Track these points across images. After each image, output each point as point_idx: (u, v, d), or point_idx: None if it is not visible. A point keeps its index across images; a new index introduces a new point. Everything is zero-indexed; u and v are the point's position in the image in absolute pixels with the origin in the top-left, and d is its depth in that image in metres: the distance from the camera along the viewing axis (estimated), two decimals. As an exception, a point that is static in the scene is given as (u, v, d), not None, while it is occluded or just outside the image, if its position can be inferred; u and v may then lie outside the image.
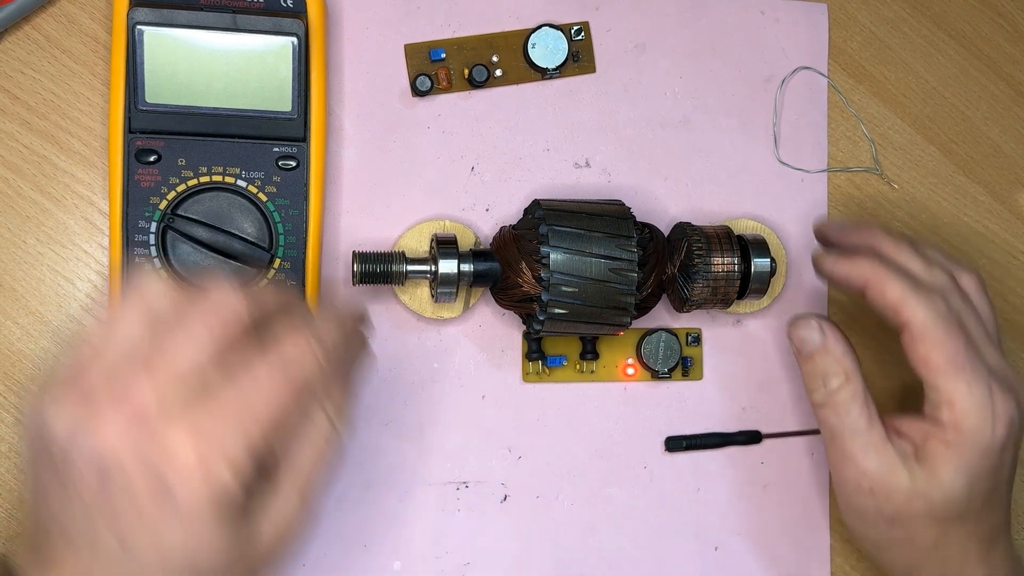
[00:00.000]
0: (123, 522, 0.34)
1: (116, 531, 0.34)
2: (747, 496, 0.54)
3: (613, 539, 0.52)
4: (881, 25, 0.57)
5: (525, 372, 0.52)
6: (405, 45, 0.52)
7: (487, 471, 0.52)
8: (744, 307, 0.53)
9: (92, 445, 0.34)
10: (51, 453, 0.35)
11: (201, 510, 0.34)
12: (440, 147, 0.52)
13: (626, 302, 0.47)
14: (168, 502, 0.34)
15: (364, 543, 0.51)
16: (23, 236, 0.49)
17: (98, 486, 0.34)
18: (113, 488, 0.34)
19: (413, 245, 0.51)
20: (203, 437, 0.34)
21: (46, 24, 0.50)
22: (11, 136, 0.49)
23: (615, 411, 0.53)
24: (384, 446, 0.51)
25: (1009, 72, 0.58)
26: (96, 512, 0.34)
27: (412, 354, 0.51)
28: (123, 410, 0.34)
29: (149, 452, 0.34)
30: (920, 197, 0.56)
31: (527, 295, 0.47)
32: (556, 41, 0.53)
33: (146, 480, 0.34)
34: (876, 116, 0.56)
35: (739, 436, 0.53)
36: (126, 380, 0.35)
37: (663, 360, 0.52)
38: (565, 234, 0.46)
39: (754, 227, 0.54)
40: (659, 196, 0.54)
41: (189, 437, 0.34)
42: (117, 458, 0.34)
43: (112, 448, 0.34)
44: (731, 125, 0.55)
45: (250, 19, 0.46)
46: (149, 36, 0.45)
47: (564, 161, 0.53)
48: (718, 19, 0.55)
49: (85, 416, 0.34)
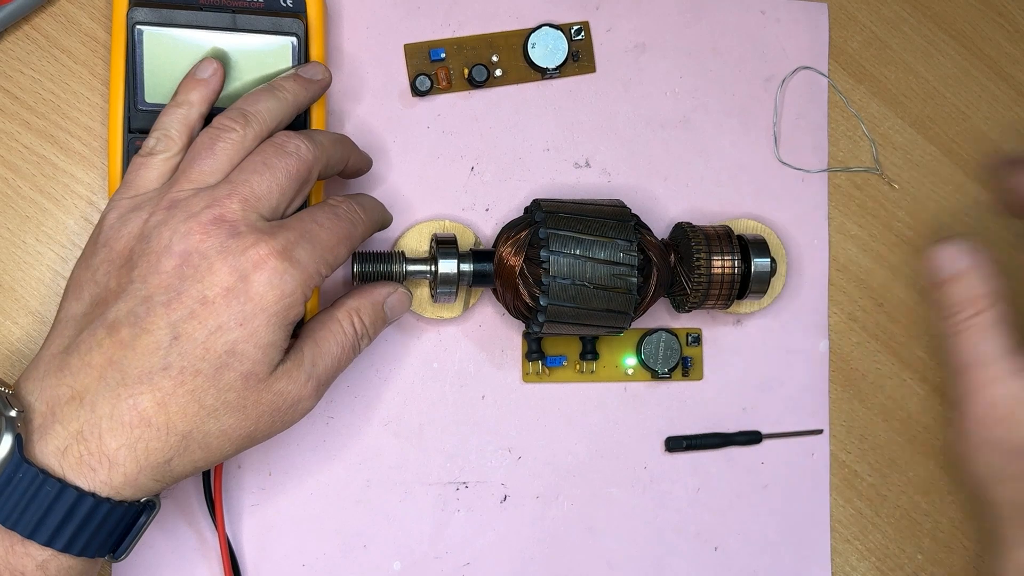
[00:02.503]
0: (184, 311, 0.38)
1: (172, 320, 0.38)
2: (747, 496, 0.54)
3: (613, 539, 0.52)
4: (881, 25, 0.57)
5: (525, 372, 0.52)
6: (405, 45, 0.52)
7: (487, 471, 0.52)
8: (744, 307, 0.53)
9: (180, 234, 0.38)
10: (123, 241, 0.39)
11: (264, 320, 0.38)
12: (440, 147, 0.52)
13: (626, 306, 0.47)
14: (238, 301, 0.38)
15: (364, 543, 0.51)
16: (23, 236, 0.49)
17: (173, 272, 0.38)
18: (188, 279, 0.38)
19: (413, 245, 0.51)
20: (282, 253, 0.38)
21: (46, 24, 0.50)
22: (10, 136, 0.49)
23: (615, 411, 0.53)
24: (384, 446, 0.51)
25: (1009, 72, 0.58)
26: (158, 298, 0.38)
27: (412, 354, 0.51)
28: (212, 213, 0.38)
29: (233, 251, 0.38)
30: (920, 197, 0.56)
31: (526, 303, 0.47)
32: (556, 41, 0.53)
33: (225, 275, 0.38)
34: (876, 116, 0.56)
35: (739, 436, 0.53)
36: (214, 194, 0.39)
37: (663, 360, 0.52)
38: (565, 238, 0.46)
39: (754, 227, 0.54)
40: (659, 196, 0.54)
41: (271, 249, 0.38)
42: (202, 250, 0.38)
43: (199, 241, 0.38)
44: (731, 125, 0.55)
45: (250, 19, 0.45)
46: (149, 36, 0.45)
47: (564, 161, 0.53)
48: (718, 19, 0.55)
49: (174, 215, 0.39)
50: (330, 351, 0.42)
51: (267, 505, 0.50)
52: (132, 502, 0.38)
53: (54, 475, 0.37)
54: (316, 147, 0.42)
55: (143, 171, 0.41)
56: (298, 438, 0.50)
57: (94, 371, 0.38)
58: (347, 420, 0.51)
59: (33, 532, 0.37)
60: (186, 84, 0.43)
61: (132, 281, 0.38)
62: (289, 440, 0.50)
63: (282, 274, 0.38)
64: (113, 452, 0.37)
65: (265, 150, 0.41)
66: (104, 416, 0.37)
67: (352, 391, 0.51)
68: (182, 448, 0.38)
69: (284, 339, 0.39)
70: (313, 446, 0.50)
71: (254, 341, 0.38)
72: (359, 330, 0.43)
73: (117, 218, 0.40)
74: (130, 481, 0.38)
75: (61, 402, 0.38)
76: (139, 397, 0.37)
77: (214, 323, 0.38)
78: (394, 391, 0.51)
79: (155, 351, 0.37)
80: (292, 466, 0.50)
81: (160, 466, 0.38)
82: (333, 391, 0.50)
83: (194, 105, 0.43)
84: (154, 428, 0.37)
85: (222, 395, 0.38)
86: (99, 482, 0.37)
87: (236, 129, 0.41)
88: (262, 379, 0.39)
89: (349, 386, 0.51)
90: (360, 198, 0.44)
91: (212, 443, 0.39)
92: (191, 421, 0.38)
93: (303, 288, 0.39)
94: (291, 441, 0.50)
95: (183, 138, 0.42)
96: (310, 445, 0.50)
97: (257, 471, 0.50)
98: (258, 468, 0.50)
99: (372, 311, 0.44)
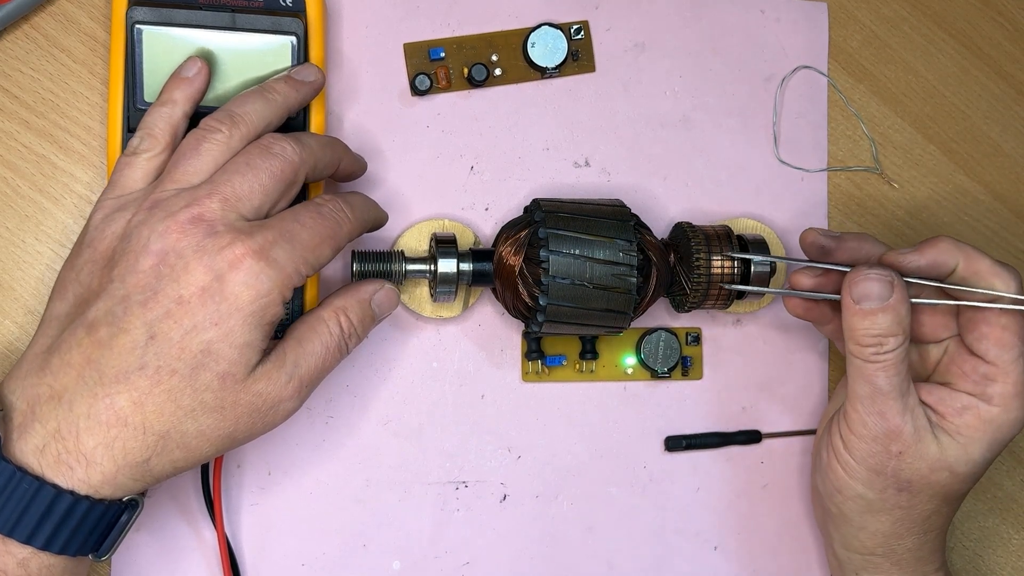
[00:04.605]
0: (160, 311, 0.38)
1: (149, 319, 0.38)
2: (747, 496, 0.54)
3: (613, 539, 0.52)
4: (881, 24, 0.57)
5: (524, 372, 0.52)
6: (404, 44, 0.52)
7: (486, 471, 0.52)
8: (744, 307, 0.53)
9: (158, 233, 0.38)
10: (106, 241, 0.40)
11: (239, 320, 0.38)
12: (439, 146, 0.52)
13: (625, 305, 0.47)
14: (213, 301, 0.38)
15: (364, 543, 0.50)
16: (22, 235, 0.49)
17: (150, 271, 0.38)
18: (165, 278, 0.38)
19: (412, 244, 0.51)
20: (258, 253, 0.38)
21: (45, 23, 0.50)
22: (10, 135, 0.49)
23: (615, 411, 0.53)
24: (383, 445, 0.51)
25: (1009, 71, 0.58)
26: (135, 297, 0.38)
27: (411, 353, 0.51)
28: (191, 212, 0.38)
29: (209, 250, 0.38)
30: (920, 196, 0.56)
31: (526, 302, 0.47)
32: (556, 40, 0.52)
33: (200, 275, 0.38)
34: (876, 115, 0.56)
35: (739, 436, 0.53)
36: (195, 194, 0.39)
37: (663, 360, 0.52)
38: (565, 238, 0.46)
39: (754, 227, 0.54)
40: (659, 196, 0.54)
41: (247, 249, 0.38)
42: (179, 250, 0.38)
43: (176, 240, 0.38)
44: (731, 125, 0.54)
45: (249, 18, 0.45)
46: (148, 35, 0.45)
47: (564, 160, 0.53)
48: (718, 18, 0.55)
49: (154, 214, 0.39)
50: (314, 351, 0.41)
51: (266, 504, 0.50)
52: (112, 501, 0.38)
53: (32, 473, 0.37)
54: (303, 149, 0.41)
55: (128, 170, 0.42)
56: (297, 437, 0.50)
57: (73, 370, 0.38)
58: (346, 419, 0.51)
59: (12, 530, 0.37)
60: (170, 83, 0.43)
61: (112, 280, 0.38)
62: (288, 439, 0.50)
63: (258, 274, 0.38)
64: (90, 451, 0.37)
65: (250, 151, 0.41)
66: (81, 415, 0.37)
67: (351, 391, 0.51)
68: (160, 448, 0.38)
69: (261, 339, 0.39)
70: (312, 445, 0.50)
71: (229, 341, 0.38)
72: (346, 329, 0.43)
73: (102, 218, 0.41)
74: (108, 480, 0.38)
75: (41, 401, 0.38)
76: (116, 396, 0.37)
77: (189, 323, 0.37)
78: (393, 390, 0.51)
79: (132, 350, 0.37)
80: (291, 465, 0.50)
81: (138, 465, 0.38)
82: (332, 391, 0.50)
83: (178, 104, 0.43)
84: (131, 427, 0.37)
85: (199, 395, 0.38)
86: (77, 480, 0.37)
87: (222, 130, 0.41)
88: (240, 380, 0.39)
89: (348, 385, 0.51)
90: (350, 196, 0.44)
91: (191, 443, 0.39)
92: (168, 421, 0.38)
93: (280, 288, 0.39)
94: (290, 440, 0.50)
95: (167, 136, 0.42)
96: (309, 445, 0.50)
97: (256, 470, 0.50)
98: (257, 467, 0.50)
99: (359, 309, 0.44)
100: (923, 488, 0.46)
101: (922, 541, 0.47)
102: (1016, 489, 0.56)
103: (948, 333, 0.48)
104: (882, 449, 0.45)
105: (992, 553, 0.56)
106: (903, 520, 0.47)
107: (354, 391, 0.51)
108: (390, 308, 0.45)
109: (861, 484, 0.46)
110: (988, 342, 0.45)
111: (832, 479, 0.48)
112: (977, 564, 0.56)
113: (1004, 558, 0.56)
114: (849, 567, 0.49)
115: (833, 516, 0.49)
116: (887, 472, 0.46)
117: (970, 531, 0.56)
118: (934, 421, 0.46)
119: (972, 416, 0.45)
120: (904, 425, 0.45)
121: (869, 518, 0.47)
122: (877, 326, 0.44)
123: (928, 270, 0.46)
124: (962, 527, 0.56)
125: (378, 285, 0.45)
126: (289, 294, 0.39)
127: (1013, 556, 0.56)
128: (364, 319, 0.44)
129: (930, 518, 0.47)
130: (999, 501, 0.56)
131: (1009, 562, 0.56)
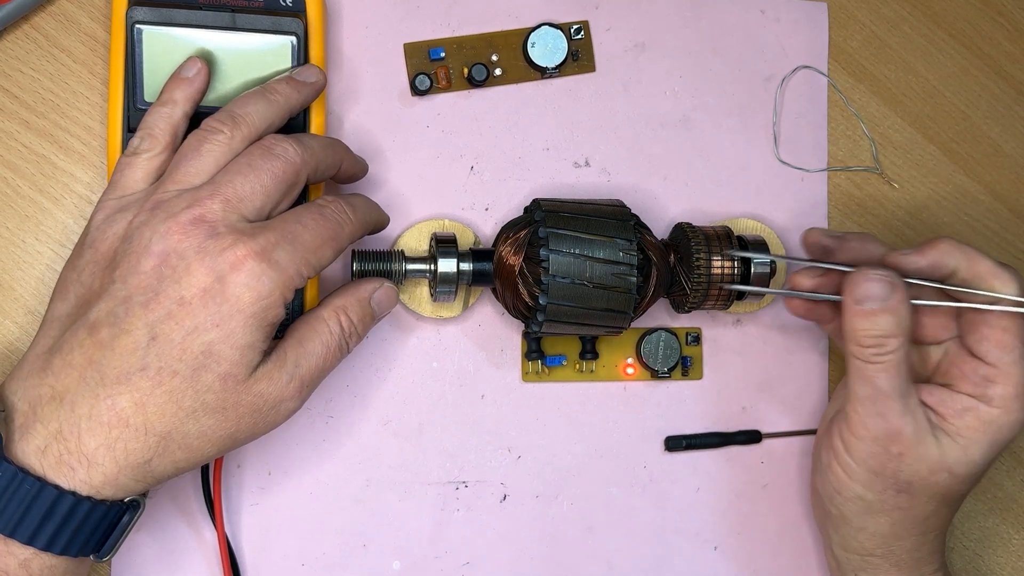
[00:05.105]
0: (161, 312, 0.38)
1: (150, 320, 0.38)
2: (747, 496, 0.54)
3: (613, 539, 0.52)
4: (881, 24, 0.57)
5: (524, 372, 0.52)
6: (404, 44, 0.52)
7: (486, 471, 0.52)
8: (744, 307, 0.53)
9: (159, 234, 0.38)
10: (108, 242, 0.40)
11: (240, 321, 0.38)
12: (439, 146, 0.52)
13: (625, 305, 0.47)
14: (214, 302, 0.38)
15: (364, 543, 0.50)
16: (22, 235, 0.49)
17: (151, 273, 0.38)
18: (166, 279, 0.38)
19: (412, 244, 0.51)
20: (260, 255, 0.38)
21: (45, 23, 0.50)
22: (10, 135, 0.49)
23: (615, 411, 0.53)
24: (383, 445, 0.51)
25: (1009, 71, 0.58)
26: (137, 298, 0.38)
27: (411, 353, 0.51)
28: (192, 213, 0.38)
29: (211, 252, 0.38)
30: (920, 196, 0.56)
31: (526, 302, 0.47)
32: (556, 40, 0.52)
33: (202, 276, 0.38)
34: (876, 115, 0.56)
35: (739, 436, 0.53)
36: (196, 195, 0.39)
37: (663, 360, 0.52)
38: (565, 237, 0.46)
39: (754, 227, 0.54)
40: (659, 196, 0.54)
41: (248, 250, 0.38)
42: (180, 251, 0.38)
43: (177, 241, 0.38)
44: (731, 125, 0.54)
45: (249, 18, 0.45)
46: (148, 35, 0.45)
47: (564, 160, 0.53)
48: (718, 18, 0.55)
49: (156, 215, 0.39)
50: (314, 351, 0.41)
51: (266, 504, 0.50)
52: (114, 502, 0.38)
53: (34, 474, 0.37)
54: (304, 150, 0.41)
55: (128, 171, 0.42)
56: (298, 438, 0.50)
57: (75, 371, 0.38)
58: (347, 419, 0.51)
59: (14, 531, 0.37)
60: (170, 83, 0.43)
61: (114, 281, 0.38)
62: (289, 439, 0.50)
63: (259, 275, 0.38)
64: (92, 452, 0.37)
65: (252, 152, 0.41)
66: (83, 416, 0.37)
67: (351, 390, 0.51)
68: (161, 449, 0.38)
69: (262, 340, 0.39)
70: (313, 445, 0.50)
71: (230, 342, 0.38)
72: (346, 328, 0.43)
73: (103, 219, 0.41)
74: (110, 481, 0.38)
75: (42, 402, 0.38)
76: (117, 397, 0.37)
77: (191, 324, 0.37)
78: (393, 390, 0.51)
79: (133, 352, 0.37)
80: (291, 465, 0.50)
81: (140, 466, 0.38)
82: (332, 390, 0.50)
83: (178, 104, 0.43)
84: (132, 428, 0.38)
85: (200, 396, 0.38)
86: (78, 481, 0.37)
87: (224, 131, 0.41)
88: (241, 380, 0.39)
89: (348, 385, 0.51)
90: (352, 198, 0.44)
91: (193, 444, 0.39)
92: (170, 422, 0.38)
93: (281, 290, 0.39)
94: (291, 440, 0.50)
95: (167, 137, 0.42)
96: (310, 445, 0.50)
97: (256, 470, 0.50)
98: (257, 467, 0.50)
99: (359, 308, 0.44)
100: (923, 489, 0.46)
101: (921, 542, 0.47)
102: (1016, 489, 0.56)
103: (949, 334, 0.48)
104: (882, 450, 0.45)
105: (992, 553, 0.56)
106: (902, 521, 0.47)
107: (354, 391, 0.51)
108: (390, 306, 0.45)
109: (861, 485, 0.46)
110: (989, 344, 0.45)
111: (832, 480, 0.48)
112: (977, 564, 0.56)
113: (1004, 558, 0.56)
114: (848, 568, 0.49)
115: (832, 517, 0.49)
116: (887, 473, 0.46)
117: (970, 531, 0.56)
118: (934, 422, 0.45)
119: (972, 417, 0.45)
120: (904, 426, 0.45)
121: (868, 519, 0.47)
122: (878, 327, 0.44)
123: (929, 271, 0.46)
124: (962, 527, 0.56)
125: (377, 283, 0.45)
126: (291, 295, 0.39)
127: (1013, 556, 0.56)
128: (364, 318, 0.44)
129: (929, 519, 0.47)
130: (999, 501, 0.56)
131: (1009, 562, 0.56)
